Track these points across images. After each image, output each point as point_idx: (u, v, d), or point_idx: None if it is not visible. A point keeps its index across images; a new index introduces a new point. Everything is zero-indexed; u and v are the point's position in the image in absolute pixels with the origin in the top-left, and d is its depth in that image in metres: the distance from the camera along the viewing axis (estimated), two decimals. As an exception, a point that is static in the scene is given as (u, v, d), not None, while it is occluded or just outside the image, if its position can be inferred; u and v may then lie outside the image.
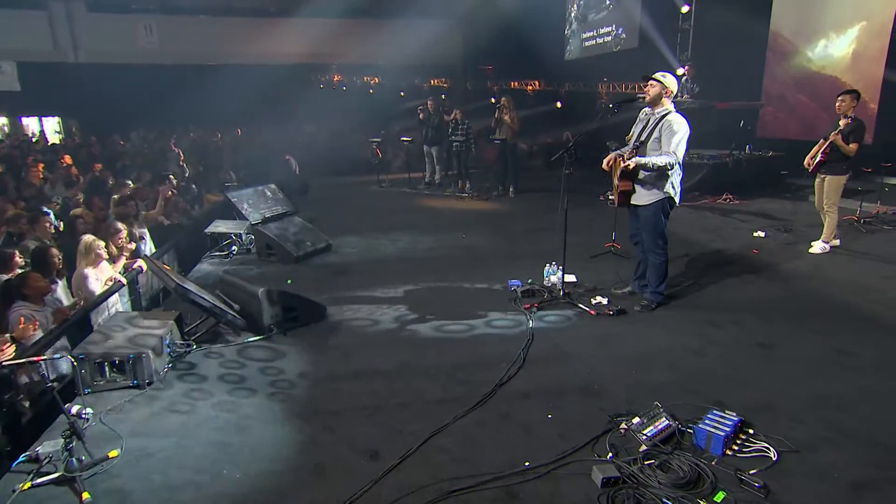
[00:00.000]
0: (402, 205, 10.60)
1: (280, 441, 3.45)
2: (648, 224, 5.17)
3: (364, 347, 4.70)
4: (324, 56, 23.23)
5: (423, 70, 22.94)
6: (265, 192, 8.54)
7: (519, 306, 5.46)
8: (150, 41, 20.79)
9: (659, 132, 4.96)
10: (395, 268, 6.85)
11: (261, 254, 7.14)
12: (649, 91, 5.09)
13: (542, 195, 11.16)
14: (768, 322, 4.94)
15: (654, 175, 5.04)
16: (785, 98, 12.81)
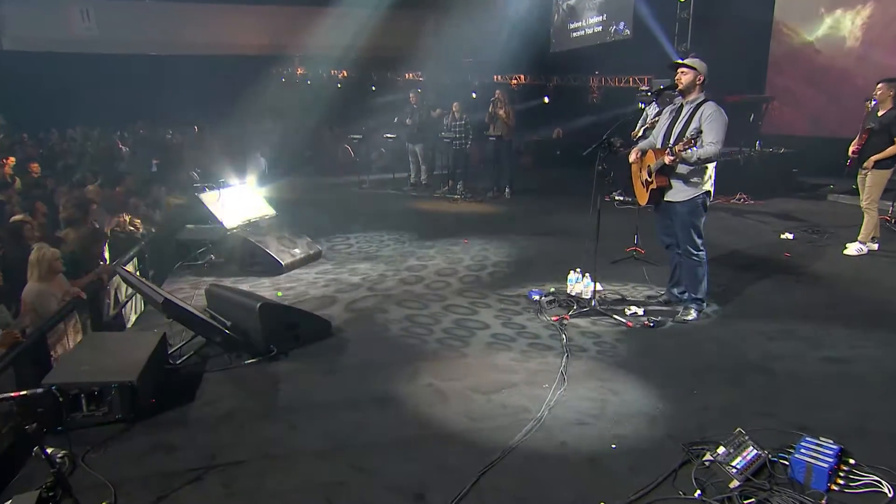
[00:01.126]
0: (390, 208, 10.30)
1: (303, 486, 3.11)
2: (685, 223, 4.97)
3: (380, 367, 4.40)
4: (285, 47, 22.69)
5: (395, 63, 22.66)
6: (240, 193, 8.16)
7: (546, 318, 5.21)
8: (88, 27, 19.91)
9: (698, 122, 4.77)
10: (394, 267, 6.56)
11: (243, 264, 6.76)
12: (681, 79, 4.90)
13: (540, 196, 10.97)
14: (827, 332, 4.77)
15: (693, 169, 4.84)
16: (791, 91, 12.84)
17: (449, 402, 3.88)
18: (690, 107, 4.87)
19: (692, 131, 4.74)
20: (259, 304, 4.45)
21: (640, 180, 5.31)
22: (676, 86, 4.94)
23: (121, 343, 4.14)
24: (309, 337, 4.79)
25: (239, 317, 4.59)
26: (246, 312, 4.54)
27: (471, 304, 5.64)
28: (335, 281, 6.42)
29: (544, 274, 6.46)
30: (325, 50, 23.31)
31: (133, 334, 4.44)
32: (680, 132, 4.87)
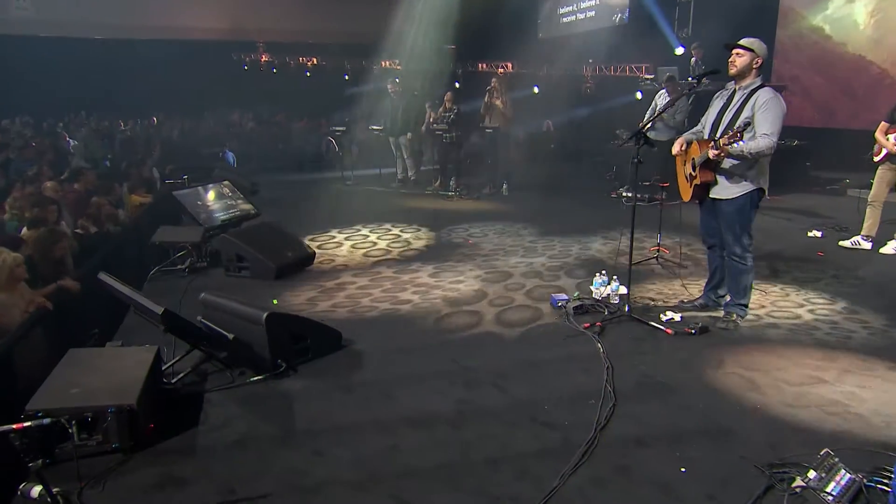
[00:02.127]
0: (379, 206, 10.08)
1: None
2: (733, 221, 4.84)
3: (404, 383, 4.20)
4: (247, 32, 22.34)
5: (370, 50, 22.38)
6: (220, 190, 7.91)
7: (576, 326, 5.05)
8: (23, 6, 19.20)
9: (751, 111, 4.64)
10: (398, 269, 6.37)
11: (229, 267, 6.50)
12: (735, 62, 4.76)
13: (540, 192, 10.84)
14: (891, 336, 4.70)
15: (742, 163, 4.72)
16: (799, 80, 12.87)
17: (472, 421, 3.69)
18: (744, 93, 4.74)
19: (742, 122, 4.61)
20: (266, 315, 4.21)
21: (683, 175, 5.17)
22: (729, 70, 4.80)
23: (110, 361, 3.87)
24: (319, 350, 4.57)
25: (241, 329, 4.34)
26: (250, 323, 4.31)
27: (492, 310, 5.46)
28: (336, 288, 6.20)
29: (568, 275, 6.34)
30: (292, 36, 23.04)
31: (121, 351, 4.17)
32: (730, 121, 4.74)
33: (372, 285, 6.23)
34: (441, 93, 11.32)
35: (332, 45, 23.12)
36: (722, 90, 5.11)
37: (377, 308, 5.62)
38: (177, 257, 6.66)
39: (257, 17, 22.25)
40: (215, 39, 21.46)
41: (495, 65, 18.48)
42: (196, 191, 7.76)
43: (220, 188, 7.98)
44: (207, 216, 7.40)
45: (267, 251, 6.44)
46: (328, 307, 5.66)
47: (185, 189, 7.82)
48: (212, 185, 8.03)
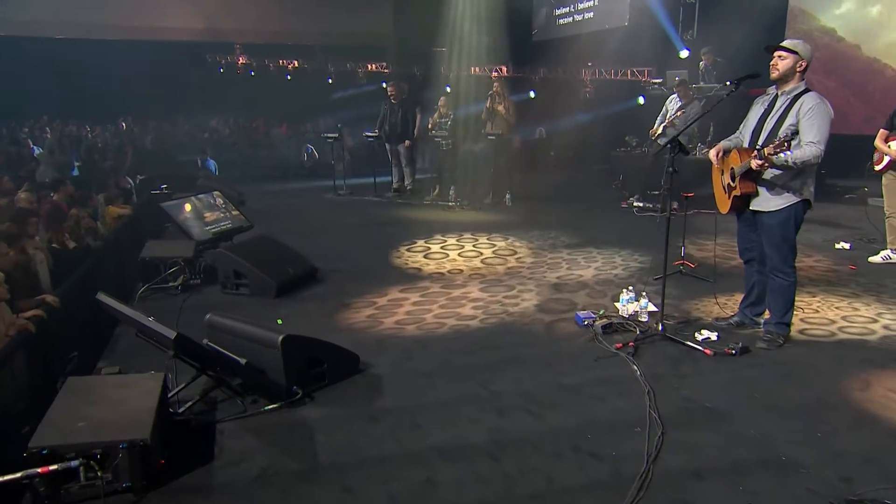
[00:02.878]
0: (376, 218, 10.02)
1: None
2: (776, 235, 4.78)
3: (430, 409, 4.09)
4: (223, 33, 22.11)
5: (356, 52, 22.33)
6: (210, 201, 7.78)
7: (607, 346, 4.97)
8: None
9: (795, 117, 4.60)
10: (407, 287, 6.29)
11: (226, 284, 6.36)
12: (778, 65, 4.73)
13: (545, 203, 10.82)
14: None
15: (786, 173, 4.67)
16: (810, 84, 12.86)
17: (511, 451, 3.59)
18: (787, 98, 4.70)
19: (786, 130, 4.57)
20: (282, 338, 4.09)
21: (721, 185, 5.12)
22: (770, 74, 4.76)
23: (115, 390, 3.72)
24: (335, 375, 4.45)
25: (252, 353, 4.21)
26: (263, 347, 4.18)
27: (516, 332, 5.38)
28: (341, 306, 6.08)
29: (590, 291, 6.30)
30: (272, 37, 22.88)
31: (124, 379, 4.02)
32: (772, 129, 4.69)
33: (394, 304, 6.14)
34: (425, 97, 11.26)
35: (314, 47, 23.01)
36: (762, 95, 5.07)
37: (383, 325, 5.52)
38: (168, 274, 6.50)
39: (233, 17, 22.04)
40: (188, 40, 21.19)
41: (489, 68, 18.44)
42: (182, 201, 7.60)
43: (211, 199, 7.83)
44: (198, 229, 7.25)
45: (267, 267, 6.31)
46: (345, 326, 5.56)
47: (172, 200, 7.66)
48: (202, 195, 7.88)
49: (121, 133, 19.96)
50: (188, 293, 6.44)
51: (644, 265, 7.13)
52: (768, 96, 4.89)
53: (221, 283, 6.39)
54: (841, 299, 5.91)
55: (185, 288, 6.48)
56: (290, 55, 23.38)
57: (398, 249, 8.04)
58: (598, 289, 6.40)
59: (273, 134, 21.37)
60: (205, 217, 7.47)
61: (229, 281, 6.35)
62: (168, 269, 6.51)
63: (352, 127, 19.76)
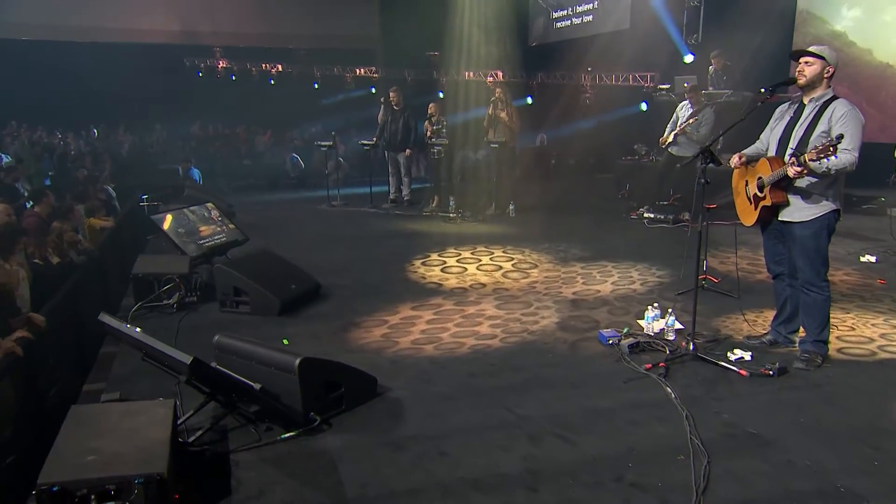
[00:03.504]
0: (375, 230, 9.98)
1: None
2: (808, 247, 4.75)
3: (457, 436, 4.00)
4: (201, 35, 21.98)
5: (343, 56, 22.26)
6: (204, 213, 7.69)
7: (635, 367, 4.91)
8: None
9: (827, 124, 4.58)
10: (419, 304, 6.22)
11: (225, 302, 6.25)
12: (805, 71, 4.72)
13: (548, 213, 10.78)
14: None
15: (818, 182, 4.64)
16: (834, 90, 12.99)
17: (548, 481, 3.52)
18: (815, 105, 4.69)
19: (818, 138, 4.55)
20: (299, 361, 3.99)
21: (744, 195, 5.08)
22: (797, 80, 4.75)
23: (123, 420, 3.60)
24: (353, 399, 4.36)
25: (266, 377, 4.11)
26: (278, 371, 4.08)
27: (539, 353, 5.31)
28: (351, 325, 6.00)
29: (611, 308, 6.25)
30: (254, 40, 22.77)
31: (130, 407, 3.89)
32: (802, 137, 4.67)
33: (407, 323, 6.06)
34: (417, 103, 11.24)
35: (298, 51, 22.93)
36: (787, 102, 5.07)
37: (399, 346, 5.44)
38: (162, 291, 6.38)
39: (212, 19, 21.96)
40: (164, 43, 21.02)
41: (484, 73, 18.44)
42: (177, 214, 7.49)
43: (205, 211, 7.73)
44: (192, 243, 7.13)
45: (269, 283, 6.22)
46: (357, 346, 5.49)
47: (163, 212, 7.54)
48: (194, 207, 7.77)
49: (93, 140, 19.77)
50: (184, 312, 6.33)
51: (663, 280, 7.10)
52: (793, 104, 4.90)
53: (220, 301, 6.28)
54: (876, 315, 5.89)
55: (181, 306, 6.37)
56: (274, 59, 23.29)
57: (412, 263, 8.00)
58: (618, 305, 6.35)
59: (257, 142, 21.25)
60: (200, 231, 7.36)
61: (228, 298, 6.24)
62: (162, 286, 6.38)
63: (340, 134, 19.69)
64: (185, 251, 7.06)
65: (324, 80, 22.42)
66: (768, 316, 5.82)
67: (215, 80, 22.84)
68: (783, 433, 3.95)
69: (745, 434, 3.97)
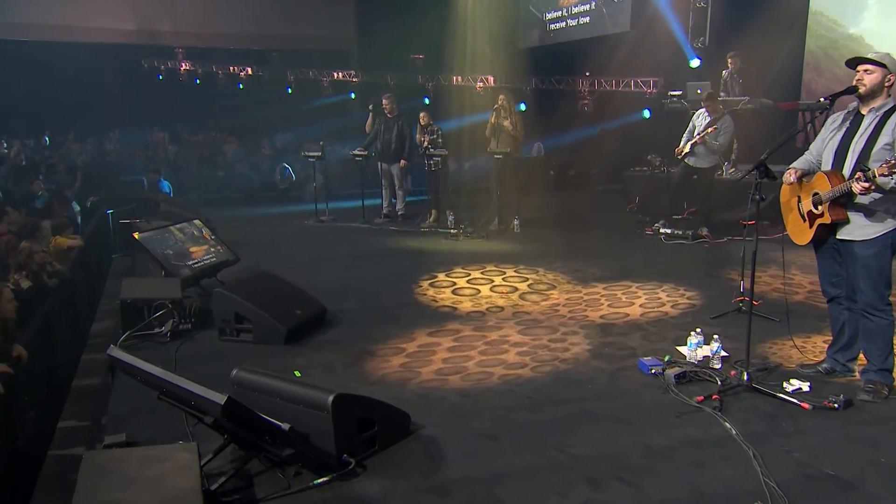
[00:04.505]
0: (373, 248, 9.93)
1: None
2: (871, 267, 4.72)
3: (507, 480, 3.90)
4: (162, 35, 21.53)
5: (319, 58, 22.12)
6: (193, 232, 7.56)
7: (685, 399, 4.84)
8: None
9: (891, 136, 4.56)
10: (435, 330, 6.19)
11: (224, 330, 6.10)
12: (864, 80, 4.70)
13: (555, 229, 10.77)
14: None
15: (882, 198, 4.62)
16: (852, 96, 13.08)
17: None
18: (875, 116, 4.67)
19: (883, 149, 4.53)
20: (332, 398, 3.87)
21: (796, 213, 5.05)
22: (857, 89, 4.73)
23: (144, 467, 3.45)
24: (387, 438, 4.25)
25: (294, 415, 3.98)
26: (307, 409, 3.96)
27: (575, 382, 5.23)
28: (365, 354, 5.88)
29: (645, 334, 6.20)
30: (220, 40, 22.48)
31: (149, 452, 3.75)
32: (863, 150, 4.65)
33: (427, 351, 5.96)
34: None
35: (269, 52, 22.74)
36: (840, 112, 5.04)
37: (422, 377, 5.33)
38: (153, 318, 6.21)
39: (173, 17, 21.52)
40: (119, 43, 20.51)
41: (474, 77, 18.46)
42: (163, 232, 7.33)
43: (193, 229, 7.58)
44: (183, 265, 6.98)
45: (274, 309, 6.08)
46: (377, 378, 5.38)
47: (148, 231, 7.37)
48: (181, 224, 7.62)
49: (42, 149, 19.39)
50: (179, 340, 6.16)
51: (693, 301, 7.06)
52: (849, 114, 4.88)
53: (220, 329, 6.13)
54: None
55: (175, 334, 6.20)
56: (242, 61, 22.99)
57: (419, 284, 7.92)
58: (651, 330, 6.29)
59: (226, 150, 20.95)
60: (191, 252, 7.21)
61: (229, 326, 6.09)
62: (153, 313, 6.21)
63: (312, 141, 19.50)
64: (175, 273, 6.90)
65: (298, 84, 22.22)
66: (817, 341, 5.82)
67: (177, 83, 22.50)
68: (865, 475, 3.88)
69: (824, 476, 3.89)
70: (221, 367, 5.27)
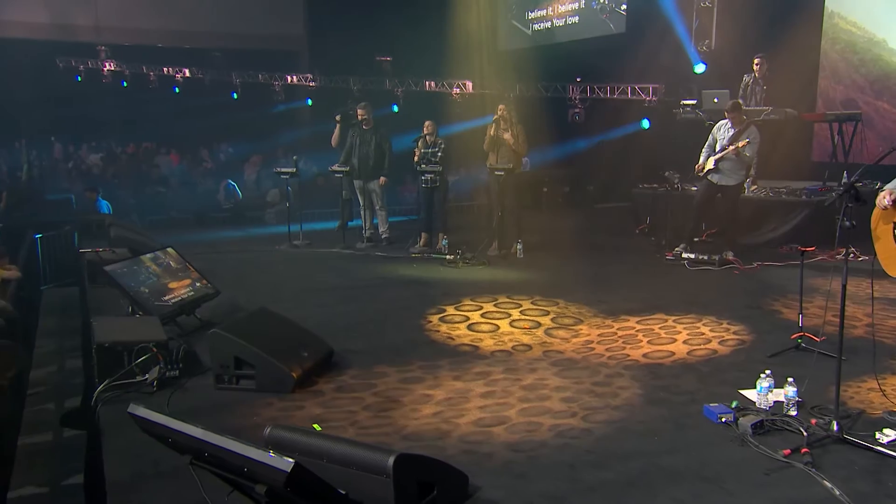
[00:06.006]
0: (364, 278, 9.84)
1: None
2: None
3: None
4: (80, 30, 21.09)
5: (270, 60, 21.94)
6: (169, 263, 7.41)
7: (769, 453, 4.79)
8: None
9: None
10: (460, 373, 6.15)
11: (222, 376, 5.91)
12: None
13: (561, 253, 10.83)
14: None
15: None
16: (855, 105, 13.25)
17: None
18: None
19: None
20: (394, 459, 3.74)
21: (890, 240, 5.09)
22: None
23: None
24: (448, 502, 4.13)
25: (346, 479, 3.84)
26: (362, 472, 3.82)
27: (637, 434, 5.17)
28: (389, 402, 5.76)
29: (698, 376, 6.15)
30: (151, 37, 22.09)
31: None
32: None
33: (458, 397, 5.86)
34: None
35: (212, 52, 22.44)
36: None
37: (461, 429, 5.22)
38: (135, 365, 5.98)
39: (94, 9, 20.98)
40: (29, 38, 20.02)
41: (449, 83, 18.48)
42: (133, 264, 7.13)
43: (169, 259, 7.39)
44: (161, 303, 6.79)
45: (279, 352, 5.91)
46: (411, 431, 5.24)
47: (118, 262, 7.15)
48: (152, 254, 7.42)
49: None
50: (169, 389, 5.93)
51: (742, 336, 7.07)
52: None
53: (216, 376, 5.93)
54: None
55: (162, 383, 5.98)
56: (179, 61, 22.62)
57: (427, 319, 7.83)
58: (705, 371, 6.26)
59: (160, 164, 20.56)
60: (169, 287, 7.02)
61: (227, 372, 5.90)
62: (135, 359, 5.99)
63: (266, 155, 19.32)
64: (153, 312, 6.72)
65: (245, 89, 21.98)
66: (894, 382, 5.85)
67: (101, 86, 22.00)
68: None
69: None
70: (225, 421, 5.19)
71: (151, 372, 5.98)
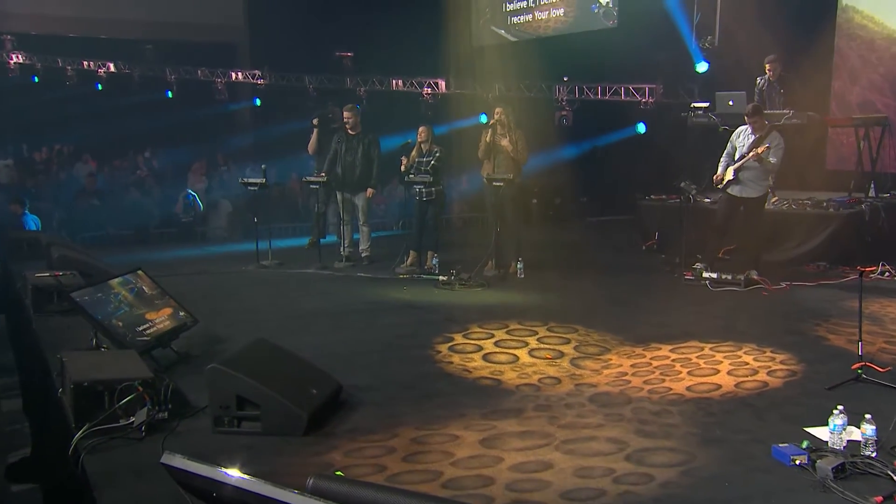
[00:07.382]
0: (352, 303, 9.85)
1: None
2: None
3: None
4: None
5: (212, 53, 21.74)
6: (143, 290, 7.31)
7: (853, 498, 4.83)
8: None
9: None
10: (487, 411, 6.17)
11: (222, 418, 5.80)
12: None
13: (565, 273, 10.88)
14: None
15: None
16: (874, 108, 13.53)
17: None
18: None
19: None
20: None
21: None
22: None
23: None
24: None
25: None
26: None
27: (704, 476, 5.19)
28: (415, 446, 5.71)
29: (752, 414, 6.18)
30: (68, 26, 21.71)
31: None
32: None
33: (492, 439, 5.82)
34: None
35: (142, 45, 22.15)
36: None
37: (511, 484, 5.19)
38: (119, 407, 5.84)
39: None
40: None
41: (420, 82, 18.51)
42: (100, 290, 7.00)
43: (142, 284, 7.27)
44: (138, 338, 6.69)
45: (287, 389, 5.84)
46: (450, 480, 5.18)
47: (84, 289, 7.01)
48: (121, 278, 7.29)
49: None
50: (160, 434, 5.80)
51: (791, 367, 7.12)
52: None
53: (215, 417, 5.82)
54: None
55: (151, 426, 5.85)
56: (102, 54, 22.26)
57: (436, 349, 7.81)
58: (761, 406, 6.28)
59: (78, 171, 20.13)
60: (147, 318, 6.91)
61: (228, 413, 5.79)
62: (118, 400, 5.85)
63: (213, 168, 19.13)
64: (129, 346, 6.62)
65: (181, 86, 21.75)
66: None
67: (6, 80, 21.57)
68: None
69: None
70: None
71: (139, 414, 5.84)
